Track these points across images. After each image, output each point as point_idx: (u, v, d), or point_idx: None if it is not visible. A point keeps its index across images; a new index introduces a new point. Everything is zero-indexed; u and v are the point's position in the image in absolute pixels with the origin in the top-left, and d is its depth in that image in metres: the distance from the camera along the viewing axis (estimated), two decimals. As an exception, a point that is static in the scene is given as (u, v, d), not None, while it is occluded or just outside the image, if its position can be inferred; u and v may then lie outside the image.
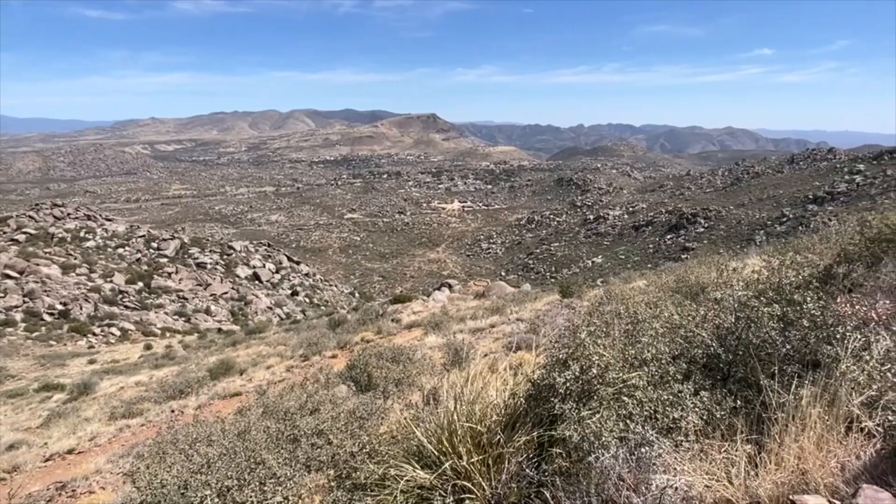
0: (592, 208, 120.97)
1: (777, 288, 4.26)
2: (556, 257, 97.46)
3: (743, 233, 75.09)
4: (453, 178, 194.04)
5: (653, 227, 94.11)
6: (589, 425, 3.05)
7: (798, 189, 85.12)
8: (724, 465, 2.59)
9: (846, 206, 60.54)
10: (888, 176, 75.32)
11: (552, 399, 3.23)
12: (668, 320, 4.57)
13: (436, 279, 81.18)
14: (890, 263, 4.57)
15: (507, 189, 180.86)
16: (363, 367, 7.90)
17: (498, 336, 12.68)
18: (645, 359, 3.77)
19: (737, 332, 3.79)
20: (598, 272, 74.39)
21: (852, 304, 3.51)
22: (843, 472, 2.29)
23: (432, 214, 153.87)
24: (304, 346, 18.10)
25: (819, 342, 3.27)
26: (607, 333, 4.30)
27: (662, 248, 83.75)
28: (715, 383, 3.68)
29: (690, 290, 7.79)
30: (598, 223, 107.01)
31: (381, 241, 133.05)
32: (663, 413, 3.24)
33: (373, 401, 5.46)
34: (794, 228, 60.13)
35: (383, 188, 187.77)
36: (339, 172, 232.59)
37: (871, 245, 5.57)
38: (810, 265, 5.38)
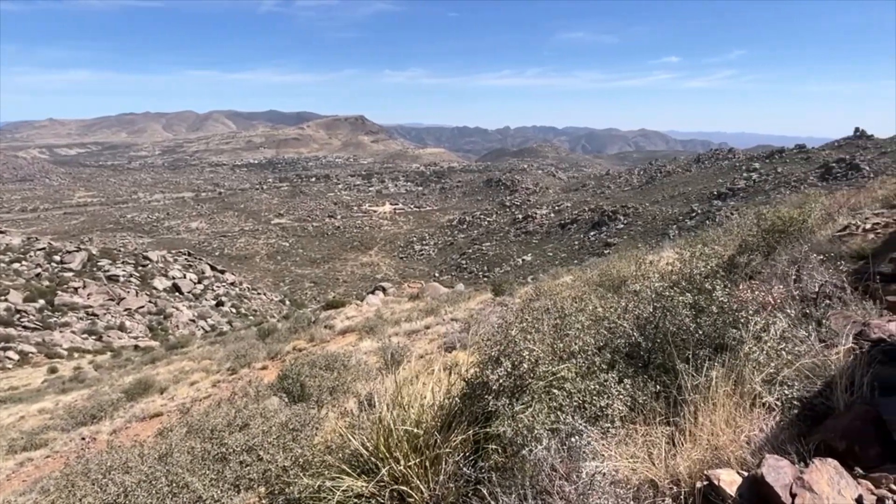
0: (521, 208, 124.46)
1: (689, 278, 4.57)
2: (488, 256, 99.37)
3: (658, 228, 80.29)
4: (384, 181, 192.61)
5: (577, 224, 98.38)
6: (522, 419, 3.12)
7: (704, 186, 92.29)
8: (646, 448, 2.74)
9: (745, 201, 66.32)
10: (779, 173, 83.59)
11: (486, 396, 3.28)
12: (593, 313, 4.79)
13: (369, 283, 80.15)
14: (783, 252, 5.04)
15: (437, 190, 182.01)
16: (296, 377, 7.64)
17: (433, 337, 12.72)
18: (573, 351, 3.92)
19: (655, 321, 4.03)
20: (528, 270, 76.63)
21: (752, 291, 3.86)
22: (749, 445, 2.50)
23: (364, 217, 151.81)
24: (231, 359, 17.22)
25: (726, 327, 3.56)
26: (537, 329, 4.43)
27: (587, 245, 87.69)
28: (637, 370, 3.89)
29: (613, 283, 8.20)
30: (526, 222, 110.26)
31: (311, 245, 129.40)
32: (591, 402, 3.38)
33: (306, 411, 5.30)
34: (702, 222, 65.06)
35: (312, 192, 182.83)
36: (264, 176, 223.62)
37: (766, 236, 6.14)
38: (717, 256, 5.83)
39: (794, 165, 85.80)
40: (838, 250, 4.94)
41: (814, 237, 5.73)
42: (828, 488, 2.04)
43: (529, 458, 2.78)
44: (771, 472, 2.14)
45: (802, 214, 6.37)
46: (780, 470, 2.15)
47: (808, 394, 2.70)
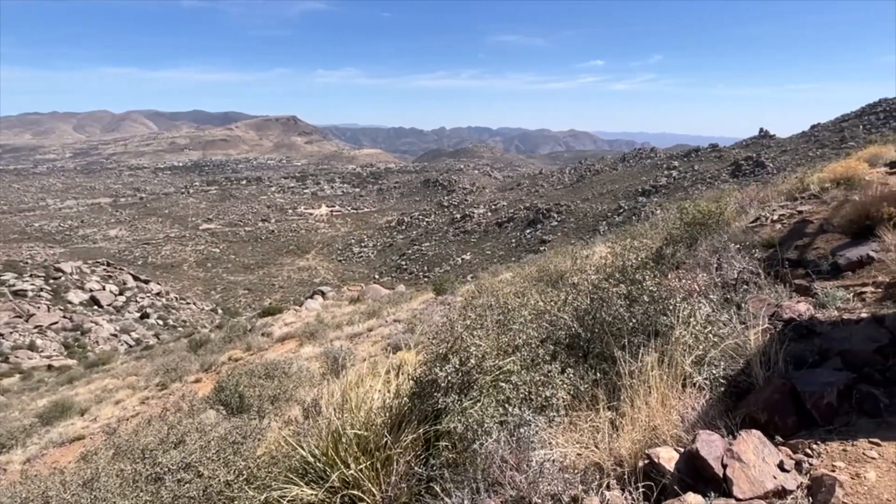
0: (459, 207, 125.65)
1: (622, 270, 4.81)
2: (428, 257, 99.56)
3: (589, 224, 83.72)
4: (319, 182, 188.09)
5: (514, 222, 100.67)
6: (472, 414, 3.16)
7: (630, 184, 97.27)
8: (591, 433, 2.86)
9: (667, 197, 70.53)
10: (696, 170, 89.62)
11: (435, 394, 3.29)
12: (535, 307, 4.93)
13: (308, 287, 77.98)
14: (704, 243, 5.42)
15: (375, 192, 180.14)
16: (233, 388, 7.32)
17: (377, 339, 12.59)
18: (517, 345, 4.01)
19: (592, 313, 4.20)
20: (468, 268, 77.50)
21: (679, 279, 4.12)
22: (683, 423, 2.67)
23: (299, 220, 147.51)
24: (160, 374, 16.20)
25: (657, 314, 3.77)
26: (482, 325, 4.50)
27: (524, 242, 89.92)
28: (578, 360, 4.05)
29: (551, 278, 8.47)
30: (464, 222, 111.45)
31: (243, 251, 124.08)
32: (537, 393, 3.48)
33: (247, 423, 5.08)
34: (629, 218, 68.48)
35: (243, 195, 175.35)
36: (190, 179, 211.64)
37: (689, 228, 6.56)
38: (645, 249, 6.17)
39: (708, 163, 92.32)
40: (752, 240, 5.38)
41: (730, 229, 6.20)
42: (753, 457, 2.22)
43: (480, 452, 2.82)
44: (704, 446, 2.30)
45: (719, 208, 6.87)
46: (711, 444, 2.31)
47: (732, 372, 2.92)
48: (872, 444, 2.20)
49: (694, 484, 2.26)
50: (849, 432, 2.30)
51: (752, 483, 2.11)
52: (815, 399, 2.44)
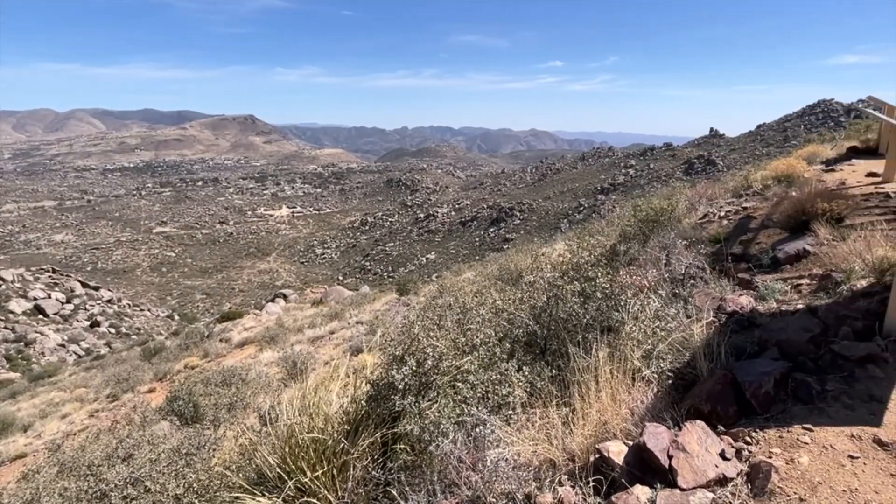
0: (422, 207, 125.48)
1: (577, 267, 4.90)
2: (392, 257, 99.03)
3: (551, 222, 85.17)
4: (279, 183, 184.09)
5: (477, 221, 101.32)
6: (429, 416, 3.16)
7: (589, 182, 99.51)
8: (545, 430, 2.90)
9: (624, 195, 72.48)
10: (651, 169, 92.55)
11: (393, 397, 3.27)
12: (493, 306, 4.96)
13: (268, 291, 76.21)
14: (654, 239, 5.59)
15: (337, 192, 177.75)
16: (187, 397, 7.06)
17: (339, 342, 12.43)
18: (475, 344, 4.03)
19: (548, 310, 4.26)
20: (432, 268, 77.51)
21: (631, 275, 4.24)
22: (632, 416, 2.74)
23: (259, 222, 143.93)
24: (111, 385, 15.50)
25: (610, 310, 3.86)
26: (440, 325, 4.49)
27: (487, 241, 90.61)
28: (535, 357, 4.10)
29: (511, 276, 8.56)
30: (428, 221, 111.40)
31: (201, 255, 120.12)
32: (494, 392, 3.50)
33: (201, 432, 4.92)
34: (589, 216, 70.00)
35: (199, 197, 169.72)
36: (142, 181, 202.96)
37: (642, 225, 6.76)
38: (600, 246, 6.32)
39: (663, 162, 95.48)
40: (700, 236, 5.58)
41: (680, 225, 6.42)
42: (697, 447, 2.29)
43: (437, 454, 2.82)
44: (651, 439, 2.37)
45: (670, 205, 7.11)
46: (658, 436, 2.38)
47: (678, 365, 3.02)
48: (805, 429, 2.31)
49: (642, 476, 2.32)
50: (784, 419, 2.41)
51: (696, 472, 2.19)
52: (753, 389, 2.55)
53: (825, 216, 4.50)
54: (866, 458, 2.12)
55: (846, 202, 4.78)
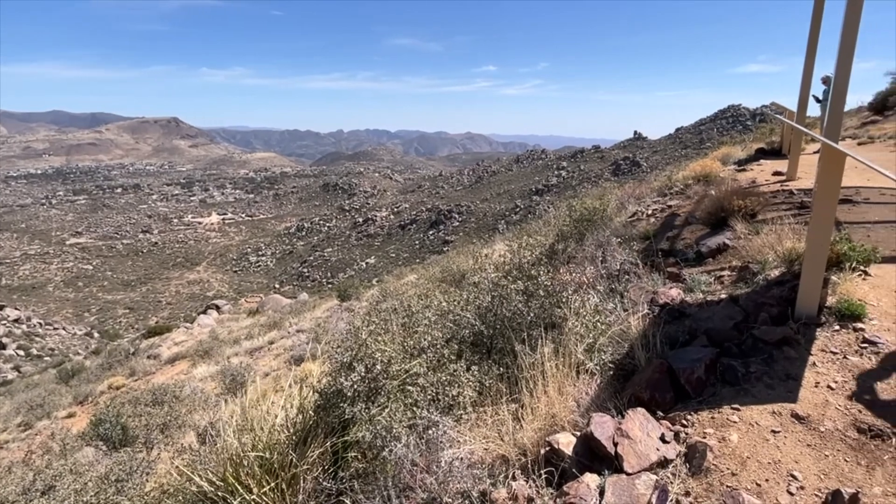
0: (360, 211, 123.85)
1: (519, 267, 5.03)
2: (331, 262, 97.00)
3: (489, 223, 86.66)
4: (208, 189, 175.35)
5: (417, 224, 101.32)
6: (380, 421, 3.13)
7: (525, 184, 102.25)
8: (496, 427, 2.95)
9: (558, 196, 75.06)
10: (582, 170, 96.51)
11: (342, 404, 3.21)
12: (439, 308, 4.99)
13: (200, 302, 72.35)
14: (590, 238, 5.84)
15: (271, 197, 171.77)
16: (114, 420, 6.57)
17: (279, 352, 12.02)
18: (423, 347, 4.03)
19: (493, 310, 4.34)
20: (372, 272, 76.63)
21: (570, 273, 4.41)
22: (578, 408, 2.85)
23: (187, 230, 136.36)
24: (22, 412, 14.14)
25: (552, 307, 3.99)
26: (387, 329, 4.47)
27: (427, 243, 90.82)
28: (482, 357, 4.16)
29: (454, 277, 8.64)
30: (367, 225, 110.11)
31: (122, 266, 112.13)
32: (444, 393, 3.52)
33: (132, 456, 4.60)
34: (525, 216, 71.86)
35: (119, 204, 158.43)
36: (52, 188, 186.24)
37: (577, 225, 7.03)
38: (539, 245, 6.52)
39: (593, 163, 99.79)
40: (631, 233, 5.89)
41: (612, 223, 6.74)
42: (639, 433, 2.42)
43: (390, 459, 2.80)
44: (597, 428, 2.47)
45: (602, 205, 7.45)
46: (603, 425, 2.49)
47: (618, 356, 3.17)
48: (734, 409, 2.50)
49: (590, 464, 2.42)
50: (715, 401, 2.59)
51: (639, 457, 2.31)
52: (687, 375, 2.73)
53: (740, 212, 4.89)
54: (786, 432, 2.32)
55: (758, 199, 5.22)
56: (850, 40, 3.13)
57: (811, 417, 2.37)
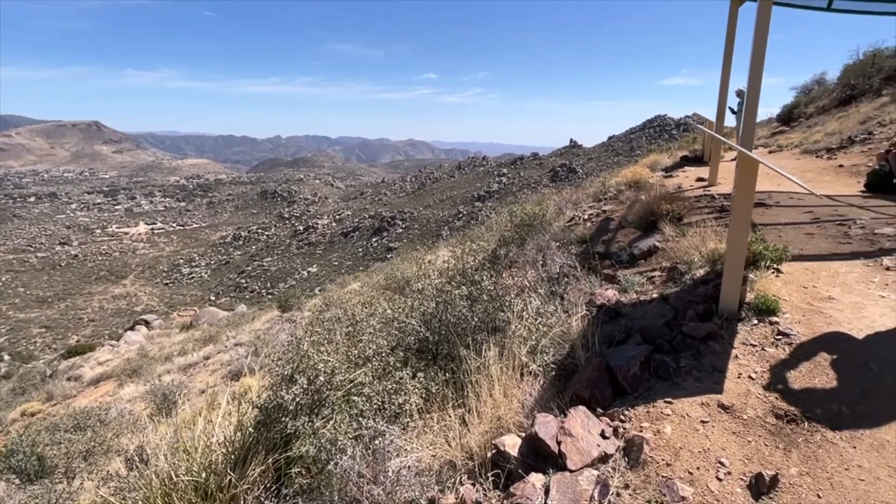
0: (301, 219, 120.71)
1: (462, 272, 5.08)
2: (271, 272, 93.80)
3: (432, 230, 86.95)
4: (135, 197, 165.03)
5: (360, 231, 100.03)
6: (324, 434, 3.05)
7: (467, 190, 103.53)
8: (443, 433, 2.95)
9: (499, 202, 76.51)
10: (522, 177, 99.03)
11: (283, 419, 3.11)
12: (383, 316, 4.94)
13: (127, 318, 67.79)
14: (531, 242, 5.99)
15: (205, 205, 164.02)
16: (29, 450, 6.02)
17: (216, 367, 11.46)
18: (368, 355, 3.98)
19: (438, 315, 4.36)
20: (315, 281, 74.81)
21: (512, 277, 4.50)
22: (523, 409, 2.90)
23: (111, 241, 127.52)
24: (-84, 448, 12.66)
25: (496, 311, 4.05)
26: (330, 339, 4.37)
27: (370, 251, 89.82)
28: (428, 363, 4.16)
29: (398, 284, 8.59)
30: (308, 233, 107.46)
31: (36, 282, 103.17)
32: (390, 401, 3.49)
33: (51, 489, 4.23)
34: (468, 222, 72.71)
35: (32, 215, 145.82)
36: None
37: (518, 230, 7.19)
38: (482, 250, 6.61)
39: (532, 170, 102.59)
40: (569, 237, 6.10)
41: (551, 228, 6.95)
42: (581, 430, 2.50)
43: (336, 472, 2.74)
44: (541, 428, 2.53)
45: (542, 210, 7.67)
46: (547, 424, 2.56)
47: (560, 357, 3.27)
48: (667, 403, 2.63)
49: (535, 464, 2.47)
50: (650, 396, 2.72)
51: (582, 454, 2.38)
52: (623, 372, 2.85)
53: (668, 216, 5.18)
54: (714, 422, 2.47)
55: (683, 203, 5.56)
56: (759, 58, 3.41)
57: (735, 407, 2.54)
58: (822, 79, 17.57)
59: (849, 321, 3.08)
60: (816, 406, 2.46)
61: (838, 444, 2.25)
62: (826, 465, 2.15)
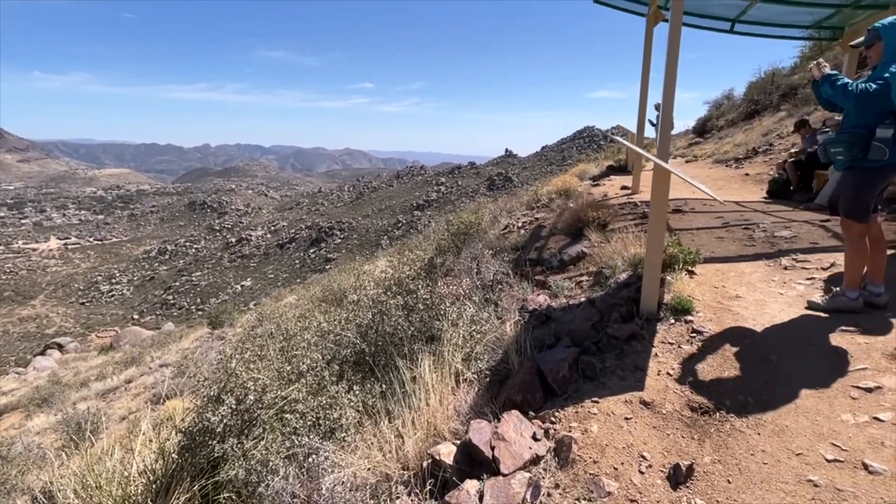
0: (233, 231, 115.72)
1: (399, 282, 5.07)
2: (201, 287, 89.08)
3: (372, 239, 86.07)
4: (45, 210, 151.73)
5: (296, 243, 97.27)
6: (255, 455, 2.94)
7: (405, 199, 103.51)
8: (379, 445, 2.92)
9: (438, 210, 77.09)
10: (460, 186, 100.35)
11: (210, 442, 2.96)
12: (318, 329, 4.84)
13: (36, 342, 61.96)
14: (466, 251, 6.08)
15: (126, 218, 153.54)
16: (-86, 496, 5.34)
17: (139, 391, 10.72)
18: (302, 371, 3.88)
19: (375, 326, 4.32)
20: (249, 295, 71.85)
21: (448, 286, 4.55)
22: (458, 417, 2.93)
23: (17, 258, 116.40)
24: None
25: (432, 320, 4.08)
26: (262, 356, 4.22)
27: (308, 262, 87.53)
28: (365, 375, 4.10)
29: (335, 296, 8.43)
30: (241, 245, 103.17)
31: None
32: (325, 417, 3.41)
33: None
34: (407, 231, 72.59)
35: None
36: None
37: (454, 238, 7.28)
38: (419, 260, 6.63)
39: (469, 179, 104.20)
40: (503, 244, 6.24)
41: (486, 236, 7.09)
42: (514, 434, 2.56)
43: (267, 494, 2.64)
44: (475, 434, 2.57)
45: (477, 219, 7.81)
46: (481, 430, 2.60)
47: (494, 363, 3.33)
48: (594, 402, 2.75)
49: (470, 470, 2.50)
50: (578, 396, 2.83)
51: (514, 457, 2.44)
52: (553, 374, 2.95)
53: (594, 223, 5.44)
54: (636, 418, 2.61)
55: (609, 211, 5.85)
56: (672, 74, 3.67)
57: (655, 402, 2.69)
58: (731, 94, 19.12)
59: (753, 317, 3.36)
60: (726, 397, 2.65)
61: (745, 431, 2.43)
62: (735, 452, 2.32)
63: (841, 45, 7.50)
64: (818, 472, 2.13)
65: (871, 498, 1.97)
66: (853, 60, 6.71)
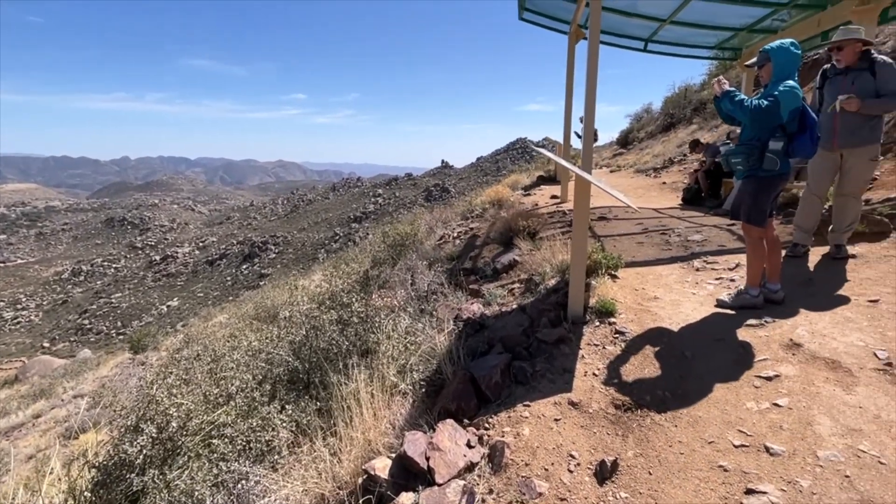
0: (157, 248, 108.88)
1: (333, 296, 4.99)
2: (122, 310, 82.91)
3: (308, 253, 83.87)
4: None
5: (227, 259, 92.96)
6: (179, 486, 2.78)
7: (342, 211, 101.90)
8: (314, 465, 2.85)
9: (376, 222, 76.42)
10: (397, 197, 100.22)
11: (128, 475, 2.77)
12: (249, 348, 4.66)
13: (-77, 379, 55.12)
14: (402, 262, 6.08)
15: (33, 237, 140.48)
16: None
17: (49, 426, 9.81)
18: (231, 393, 3.72)
19: (308, 342, 4.22)
20: (176, 316, 67.71)
21: (383, 298, 4.53)
22: (394, 430, 2.92)
23: None
24: None
25: (367, 333, 4.04)
26: (188, 380, 4.01)
27: (241, 279, 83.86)
28: (299, 393, 4.00)
29: (269, 313, 8.16)
30: (166, 263, 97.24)
31: None
32: (256, 440, 3.29)
33: None
34: (345, 244, 71.39)
35: None
36: None
37: (391, 250, 7.26)
38: (355, 273, 6.56)
39: (406, 190, 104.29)
40: (439, 255, 6.30)
41: (422, 247, 7.13)
42: (449, 443, 2.58)
43: (192, 526, 2.51)
44: (410, 446, 2.57)
45: (413, 230, 7.85)
46: (416, 442, 2.60)
47: (429, 373, 3.35)
48: (525, 406, 2.83)
49: (406, 483, 2.49)
50: (510, 401, 2.91)
51: (449, 466, 2.46)
52: (486, 381, 3.01)
53: (525, 231, 5.62)
54: (565, 419, 2.71)
55: (538, 220, 6.06)
56: (592, 88, 3.89)
57: (582, 402, 2.81)
58: (650, 108, 20.44)
59: (669, 317, 3.59)
60: (646, 393, 2.81)
61: (664, 424, 2.59)
62: (655, 445, 2.47)
63: (739, 65, 8.24)
64: (727, 458, 2.30)
65: (773, 477, 2.16)
66: (751, 78, 7.39)
